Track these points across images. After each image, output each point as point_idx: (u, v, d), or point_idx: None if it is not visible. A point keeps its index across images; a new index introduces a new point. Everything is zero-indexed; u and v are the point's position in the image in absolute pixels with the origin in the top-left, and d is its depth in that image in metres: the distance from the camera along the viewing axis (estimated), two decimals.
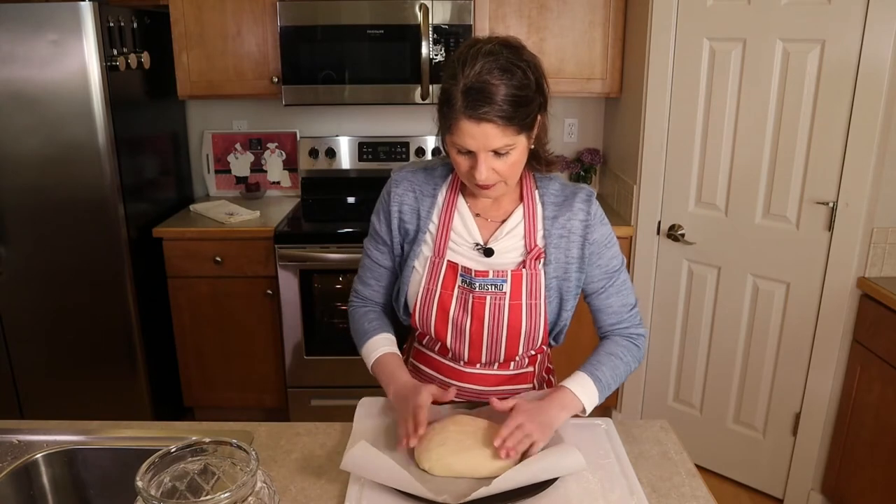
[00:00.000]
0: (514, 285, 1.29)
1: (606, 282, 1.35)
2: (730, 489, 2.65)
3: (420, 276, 1.33)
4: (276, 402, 3.00)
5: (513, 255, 1.31)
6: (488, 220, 1.33)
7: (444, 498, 1.08)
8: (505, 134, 1.14)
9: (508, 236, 1.31)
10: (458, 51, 1.18)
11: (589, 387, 1.28)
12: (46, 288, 2.64)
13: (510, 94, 1.12)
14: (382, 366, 1.36)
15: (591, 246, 1.32)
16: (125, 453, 1.29)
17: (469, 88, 1.11)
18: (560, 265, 1.31)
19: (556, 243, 1.30)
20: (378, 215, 1.39)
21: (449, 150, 1.21)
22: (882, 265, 2.21)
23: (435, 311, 1.33)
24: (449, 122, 1.15)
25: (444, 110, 1.16)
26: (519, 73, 1.14)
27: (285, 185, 3.32)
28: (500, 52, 1.14)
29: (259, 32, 2.82)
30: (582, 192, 1.32)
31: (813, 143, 2.22)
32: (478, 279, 1.29)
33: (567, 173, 3.21)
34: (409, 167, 1.37)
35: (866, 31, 2.06)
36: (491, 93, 1.11)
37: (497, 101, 1.11)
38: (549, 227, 1.30)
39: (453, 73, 1.15)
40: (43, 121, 2.45)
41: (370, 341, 1.39)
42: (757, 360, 2.50)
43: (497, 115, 1.11)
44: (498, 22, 2.81)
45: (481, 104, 1.11)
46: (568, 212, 1.30)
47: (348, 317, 1.48)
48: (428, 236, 1.33)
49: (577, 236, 1.31)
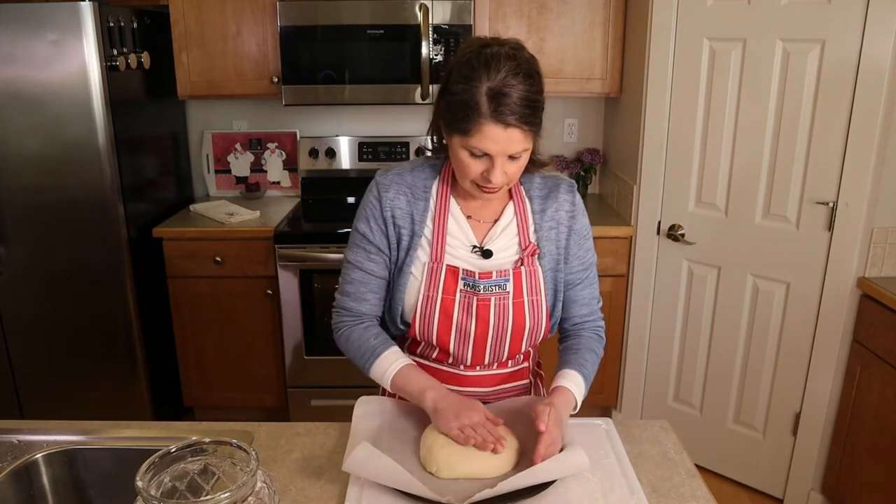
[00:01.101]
0: (515, 283, 1.30)
1: (583, 273, 1.37)
2: (730, 489, 2.65)
3: (419, 282, 1.30)
4: (276, 402, 3.00)
5: (509, 253, 1.31)
6: (480, 222, 1.32)
7: (448, 498, 1.08)
8: (526, 139, 1.15)
9: (503, 235, 1.31)
10: (469, 52, 1.16)
11: (581, 386, 1.31)
12: (46, 288, 2.64)
13: (533, 99, 1.13)
14: (410, 376, 1.28)
15: (574, 235, 1.34)
16: (125, 453, 1.29)
17: (496, 93, 1.10)
18: (553, 257, 1.33)
19: (547, 235, 1.32)
20: (368, 223, 1.31)
21: (456, 152, 1.19)
22: (882, 265, 2.21)
23: (437, 318, 1.30)
24: (468, 126, 1.13)
25: (463, 112, 1.13)
26: (537, 78, 1.15)
27: (285, 185, 3.32)
28: (518, 56, 1.14)
29: (259, 32, 2.83)
30: (564, 184, 1.35)
31: (813, 143, 2.22)
32: (482, 282, 1.28)
33: (567, 173, 3.21)
34: (395, 169, 1.33)
35: (866, 31, 2.06)
36: (517, 98, 1.11)
37: (521, 107, 1.11)
38: (539, 220, 1.32)
39: (471, 75, 1.12)
40: (43, 121, 2.45)
41: (383, 356, 1.30)
42: (757, 360, 2.50)
43: (524, 122, 1.12)
44: (498, 22, 2.81)
45: (509, 110, 1.11)
46: (554, 203, 1.33)
47: (340, 338, 1.36)
48: (424, 241, 1.31)
49: (564, 226, 1.33)
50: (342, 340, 1.36)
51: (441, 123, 1.22)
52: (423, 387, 1.26)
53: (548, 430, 1.15)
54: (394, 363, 1.29)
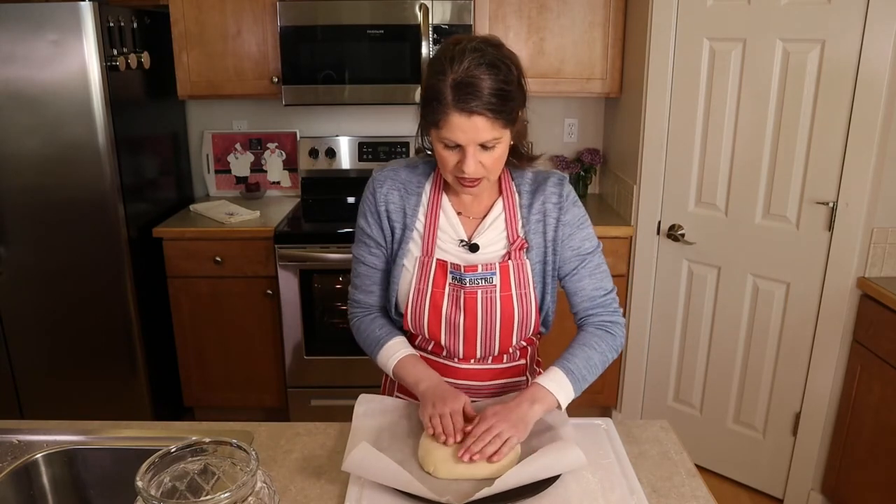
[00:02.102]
0: (502, 277, 1.31)
1: (578, 263, 1.36)
2: (730, 489, 2.65)
3: (411, 274, 1.34)
4: (276, 402, 3.00)
5: (496, 247, 1.33)
6: (470, 218, 1.35)
7: (447, 498, 1.08)
8: (494, 127, 1.17)
9: (490, 229, 1.33)
10: (441, 49, 1.21)
11: (561, 380, 1.27)
12: (46, 288, 2.64)
13: (497, 88, 1.15)
14: (407, 366, 1.34)
15: (564, 227, 1.34)
16: (125, 453, 1.29)
17: (458, 83, 1.14)
18: (540, 250, 1.34)
19: (535, 228, 1.33)
20: (366, 218, 1.37)
21: (435, 146, 1.23)
22: (882, 265, 2.21)
23: (427, 310, 1.33)
24: (437, 118, 1.17)
25: (432, 106, 1.17)
26: (504, 69, 1.17)
27: (285, 185, 3.32)
28: (484, 49, 1.17)
29: (259, 32, 2.82)
30: (553, 177, 1.36)
31: (813, 143, 2.22)
32: (468, 275, 1.31)
33: (567, 173, 3.20)
34: (391, 165, 1.38)
35: (866, 31, 2.06)
36: (480, 87, 1.14)
37: (485, 95, 1.14)
38: (527, 214, 1.34)
39: (439, 69, 1.16)
40: (43, 121, 2.45)
41: (387, 345, 1.37)
42: (757, 360, 2.50)
43: (486, 108, 1.14)
44: (498, 22, 2.81)
45: (471, 98, 1.14)
46: (542, 195, 1.34)
47: (353, 329, 1.44)
48: (416, 234, 1.34)
49: (551, 218, 1.34)
50: (354, 330, 1.44)
51: (422, 123, 1.26)
52: (418, 378, 1.31)
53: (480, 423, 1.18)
54: (396, 353, 1.35)
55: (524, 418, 1.20)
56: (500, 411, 1.20)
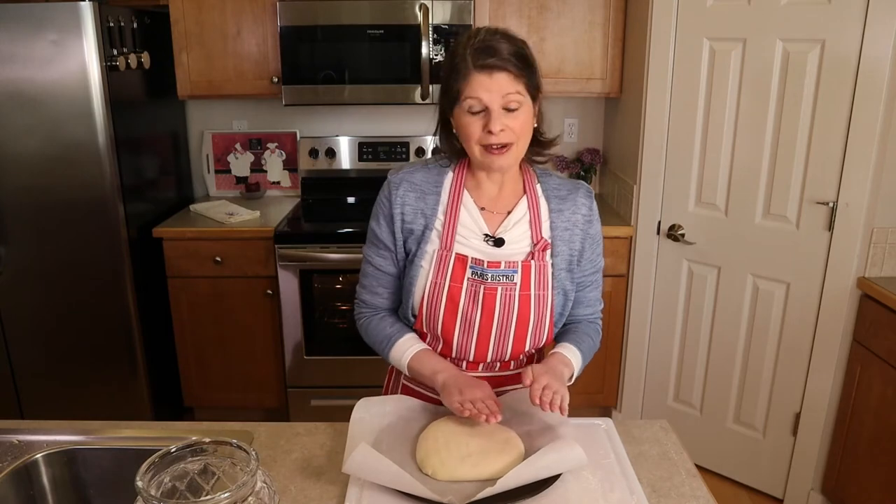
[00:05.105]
0: (524, 276, 1.32)
1: (592, 276, 1.42)
2: (730, 489, 2.65)
3: (427, 272, 1.33)
4: (276, 402, 3.00)
5: (521, 245, 1.34)
6: (494, 213, 1.35)
7: (449, 499, 1.08)
8: (517, 82, 1.21)
9: (516, 226, 1.34)
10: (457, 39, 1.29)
11: (575, 355, 1.34)
12: (46, 288, 2.64)
13: (515, 51, 1.21)
14: (423, 359, 1.34)
15: (589, 240, 1.38)
16: (125, 453, 1.29)
17: (478, 49, 1.21)
18: (565, 257, 1.35)
19: (562, 236, 1.35)
20: (378, 220, 1.37)
21: (459, 122, 1.25)
22: (882, 265, 2.21)
23: (444, 305, 1.32)
24: (459, 85, 1.21)
25: (453, 78, 1.23)
26: (520, 42, 1.24)
27: (285, 185, 3.32)
28: (500, 29, 1.25)
29: (259, 32, 2.83)
30: (583, 188, 1.40)
31: (813, 143, 2.22)
32: (490, 270, 1.30)
33: (567, 173, 3.21)
34: (407, 167, 1.38)
35: (866, 30, 2.06)
36: (499, 48, 1.21)
37: (505, 55, 1.20)
38: (556, 219, 1.35)
39: (457, 50, 1.23)
40: (43, 121, 2.45)
41: (399, 341, 1.36)
42: (757, 360, 2.50)
43: (508, 65, 1.20)
44: (498, 22, 2.81)
45: (491, 57, 1.20)
46: (572, 206, 1.36)
47: (360, 328, 1.44)
48: (434, 233, 1.34)
49: (579, 230, 1.37)
50: (362, 330, 1.44)
51: (444, 109, 1.29)
52: (436, 369, 1.32)
53: (536, 378, 1.18)
54: (410, 348, 1.35)
55: (562, 376, 1.26)
56: (546, 371, 1.22)
